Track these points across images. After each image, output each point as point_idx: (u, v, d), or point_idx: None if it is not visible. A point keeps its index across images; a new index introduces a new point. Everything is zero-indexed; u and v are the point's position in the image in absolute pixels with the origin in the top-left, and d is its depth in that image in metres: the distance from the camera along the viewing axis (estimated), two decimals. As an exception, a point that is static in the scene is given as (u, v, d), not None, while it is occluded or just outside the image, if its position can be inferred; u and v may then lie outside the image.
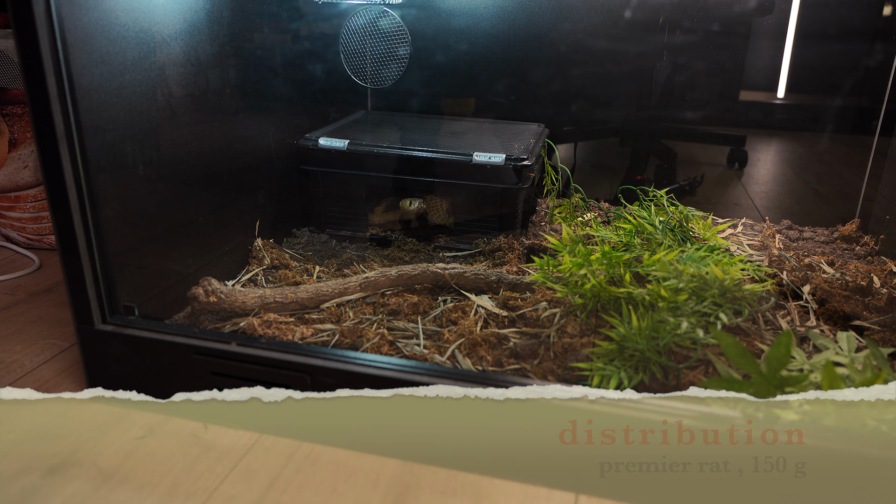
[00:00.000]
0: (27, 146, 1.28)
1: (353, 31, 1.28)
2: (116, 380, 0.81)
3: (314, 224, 1.24)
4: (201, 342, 0.76)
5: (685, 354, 0.77)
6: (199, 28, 0.91)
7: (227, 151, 1.02)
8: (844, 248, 1.21)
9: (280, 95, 1.17)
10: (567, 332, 0.83)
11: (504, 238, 1.13)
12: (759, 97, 1.41)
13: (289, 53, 1.18)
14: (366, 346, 0.84)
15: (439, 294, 0.98)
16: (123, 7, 0.77)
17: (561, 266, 0.89)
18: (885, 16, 1.27)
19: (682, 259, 0.84)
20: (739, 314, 0.82)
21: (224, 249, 1.04)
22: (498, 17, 1.38)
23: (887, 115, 1.24)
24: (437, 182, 1.14)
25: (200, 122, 0.94)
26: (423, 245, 1.17)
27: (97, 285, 0.78)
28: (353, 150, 1.16)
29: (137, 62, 0.81)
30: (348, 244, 1.20)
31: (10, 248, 1.33)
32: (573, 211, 1.20)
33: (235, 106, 1.02)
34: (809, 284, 0.98)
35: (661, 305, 0.79)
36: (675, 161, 1.49)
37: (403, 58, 1.29)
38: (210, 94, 0.95)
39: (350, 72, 1.30)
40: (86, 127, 0.73)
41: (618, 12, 1.33)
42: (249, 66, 1.04)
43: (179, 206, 0.91)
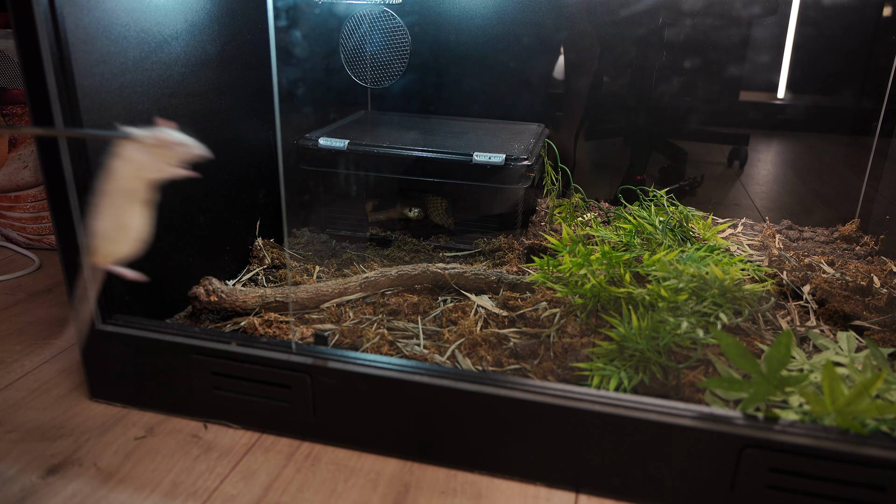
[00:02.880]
0: (27, 146, 1.28)
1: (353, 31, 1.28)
2: (116, 380, 0.81)
3: (314, 224, 1.24)
4: (201, 342, 0.76)
5: (685, 354, 0.77)
6: (200, 28, 0.91)
7: (228, 151, 1.02)
8: (844, 248, 1.21)
9: (280, 95, 1.17)
10: (567, 332, 0.83)
11: (504, 238, 1.13)
12: (759, 97, 1.42)
13: (289, 53, 1.18)
14: (366, 346, 0.84)
15: (439, 294, 0.98)
16: (125, 7, 0.77)
17: (561, 266, 0.89)
18: (885, 16, 1.27)
19: (682, 259, 0.84)
20: (739, 314, 0.82)
21: (224, 249, 1.04)
22: (498, 16, 1.38)
23: (887, 116, 1.24)
24: (437, 182, 1.14)
25: (201, 121, 0.94)
26: (423, 245, 1.17)
27: (97, 285, 0.78)
28: (353, 150, 1.17)
29: (138, 62, 0.81)
30: (348, 244, 1.20)
31: (10, 248, 1.33)
32: (573, 211, 1.20)
33: (236, 106, 1.02)
34: (809, 284, 0.98)
35: (661, 305, 0.79)
36: (686, 160, 1.49)
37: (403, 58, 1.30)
38: (210, 93, 0.95)
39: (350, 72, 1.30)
40: (87, 127, 0.73)
41: (618, 12, 1.33)
42: (250, 65, 1.04)
43: (179, 206, 0.91)
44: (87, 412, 0.81)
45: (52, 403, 0.83)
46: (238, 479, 0.70)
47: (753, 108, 1.43)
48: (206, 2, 0.92)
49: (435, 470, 0.72)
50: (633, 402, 0.65)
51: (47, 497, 0.67)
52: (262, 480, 0.70)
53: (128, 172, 0.62)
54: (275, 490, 0.69)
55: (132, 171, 0.62)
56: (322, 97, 1.32)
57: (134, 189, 0.63)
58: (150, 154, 0.62)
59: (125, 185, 0.63)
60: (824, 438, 0.61)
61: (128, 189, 0.63)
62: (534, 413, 0.67)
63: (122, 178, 0.62)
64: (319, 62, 1.28)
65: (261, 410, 0.76)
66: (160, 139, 0.62)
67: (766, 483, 0.63)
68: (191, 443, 0.76)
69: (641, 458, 0.66)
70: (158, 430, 0.78)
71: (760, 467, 0.62)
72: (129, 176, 0.62)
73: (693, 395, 0.73)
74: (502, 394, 0.68)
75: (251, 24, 1.03)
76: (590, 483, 0.69)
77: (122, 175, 0.62)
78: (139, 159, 0.62)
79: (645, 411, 0.65)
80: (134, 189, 0.63)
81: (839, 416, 0.62)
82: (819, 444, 0.60)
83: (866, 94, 1.30)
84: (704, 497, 0.65)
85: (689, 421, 0.63)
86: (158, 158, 0.63)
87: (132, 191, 0.63)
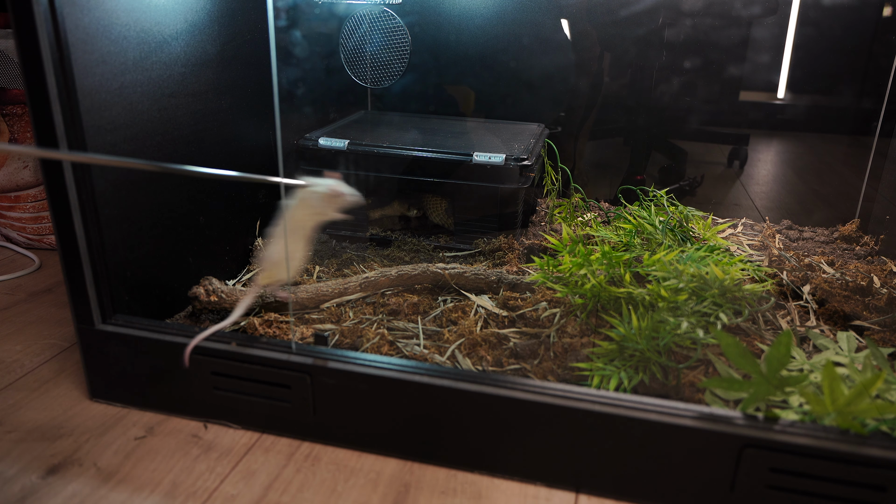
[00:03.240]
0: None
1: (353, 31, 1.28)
2: (116, 380, 0.81)
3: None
4: (201, 342, 0.76)
5: (685, 354, 0.77)
6: (200, 28, 0.91)
7: (228, 151, 1.02)
8: (844, 248, 1.21)
9: (280, 95, 1.17)
10: (567, 332, 0.83)
11: (504, 238, 1.13)
12: (759, 97, 1.42)
13: (289, 53, 1.18)
14: (366, 346, 0.84)
15: (439, 294, 0.98)
16: (125, 7, 0.77)
17: (561, 266, 0.89)
18: (885, 16, 1.27)
19: (682, 259, 0.84)
20: (739, 314, 0.82)
21: (224, 249, 1.04)
22: (498, 16, 1.38)
23: (887, 116, 1.24)
24: (437, 182, 1.14)
25: (201, 121, 0.94)
26: (423, 245, 1.17)
27: (97, 285, 0.78)
28: (353, 150, 1.17)
29: (138, 62, 0.81)
30: (348, 244, 1.20)
31: (10, 248, 1.33)
32: (573, 211, 1.20)
33: (236, 106, 1.02)
34: (809, 284, 0.98)
35: (661, 305, 0.79)
36: (686, 160, 1.49)
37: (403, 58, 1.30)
38: (210, 93, 0.95)
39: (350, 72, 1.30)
40: (86, 127, 0.73)
41: (618, 12, 1.33)
42: (250, 65, 1.04)
43: (180, 206, 0.91)
44: (87, 412, 0.81)
45: (52, 403, 0.83)
46: (238, 479, 0.70)
47: (753, 108, 1.43)
48: (206, 2, 0.92)
49: (435, 470, 0.72)
50: (633, 402, 0.65)
51: (47, 497, 0.67)
52: (262, 480, 0.70)
53: (302, 214, 0.75)
54: (275, 490, 0.69)
55: (306, 214, 0.75)
56: (322, 97, 1.32)
57: (304, 227, 0.76)
58: (322, 201, 0.75)
59: (298, 223, 0.76)
60: (824, 438, 0.61)
61: (299, 227, 0.76)
62: (534, 413, 0.67)
63: (297, 218, 0.75)
64: (319, 62, 1.28)
65: (261, 410, 0.76)
66: (333, 189, 0.75)
67: (766, 483, 0.63)
68: (191, 443, 0.76)
69: (641, 458, 0.66)
70: (158, 430, 0.78)
71: (760, 467, 0.62)
72: (302, 217, 0.75)
73: (693, 395, 0.73)
74: (502, 394, 0.68)
75: (251, 24, 1.03)
76: (590, 483, 0.69)
77: (297, 216, 0.75)
78: (313, 205, 0.75)
79: (645, 411, 0.65)
80: (304, 227, 0.76)
81: (839, 416, 0.62)
82: (819, 444, 0.60)
83: (866, 94, 1.30)
84: (704, 497, 0.65)
85: (689, 421, 0.63)
86: (328, 205, 0.75)
87: (302, 229, 0.76)
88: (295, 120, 1.22)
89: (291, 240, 0.76)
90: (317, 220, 0.77)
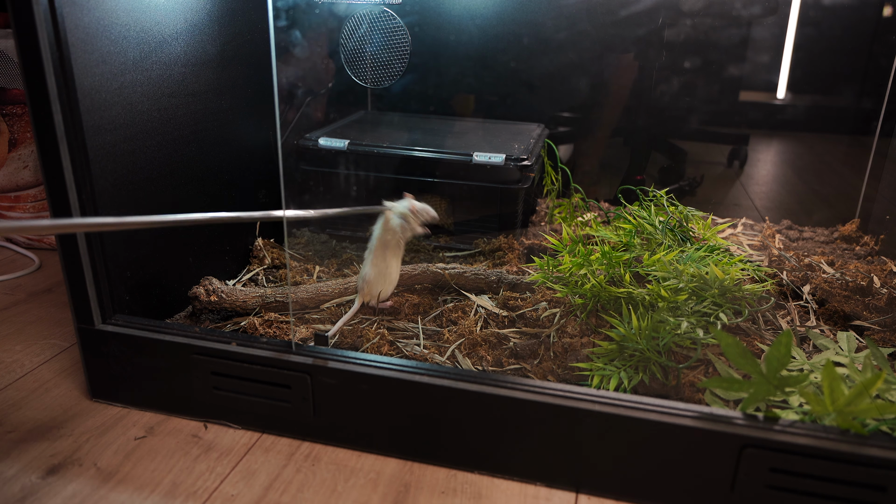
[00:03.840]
0: (27, 146, 1.28)
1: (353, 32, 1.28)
2: (116, 380, 0.81)
3: (314, 224, 1.24)
4: (201, 342, 0.76)
5: (685, 354, 0.77)
6: (200, 28, 0.91)
7: (228, 151, 1.01)
8: (844, 248, 1.21)
9: (280, 95, 1.17)
10: (567, 332, 0.83)
11: (504, 238, 1.13)
12: (759, 97, 1.42)
13: (289, 53, 1.18)
14: (366, 346, 0.84)
15: (439, 294, 0.98)
16: (125, 7, 0.77)
17: (561, 266, 0.89)
18: (885, 16, 1.27)
19: (682, 259, 0.84)
20: (739, 314, 0.82)
21: (224, 249, 1.04)
22: (498, 16, 1.38)
23: (887, 116, 1.24)
24: (437, 182, 1.14)
25: (201, 121, 0.94)
26: (423, 245, 1.17)
27: (97, 285, 0.78)
28: (354, 150, 1.16)
29: (138, 62, 0.81)
30: (348, 244, 1.20)
31: (10, 248, 1.33)
32: (573, 211, 1.20)
33: (236, 106, 1.02)
34: (809, 284, 0.98)
35: (661, 305, 0.79)
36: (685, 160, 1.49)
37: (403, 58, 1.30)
38: (210, 93, 0.95)
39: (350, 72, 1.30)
40: (86, 127, 0.73)
41: (618, 13, 1.33)
42: (250, 65, 1.04)
43: (180, 206, 0.91)
44: (87, 412, 0.81)
45: (52, 403, 0.83)
46: (238, 479, 0.70)
47: (753, 108, 1.43)
48: (206, 2, 0.92)
49: (435, 470, 0.72)
50: (633, 402, 0.65)
51: (47, 497, 0.67)
52: (262, 480, 0.70)
53: (392, 234, 0.86)
54: (275, 490, 0.69)
55: (395, 233, 0.86)
56: (322, 97, 1.32)
57: (396, 245, 0.87)
58: (407, 220, 0.85)
59: (390, 243, 0.86)
60: (824, 438, 0.61)
61: (391, 246, 0.86)
62: (534, 413, 0.67)
63: (388, 239, 0.86)
64: (319, 62, 1.27)
65: (261, 410, 0.76)
66: (415, 209, 0.86)
67: (766, 483, 0.63)
68: (191, 443, 0.76)
69: (641, 458, 0.66)
70: (158, 430, 0.78)
71: (760, 467, 0.62)
72: (393, 237, 0.86)
73: (693, 395, 0.73)
74: (502, 394, 0.68)
75: (251, 24, 1.03)
76: (590, 483, 0.69)
77: (386, 238, 0.86)
78: (400, 224, 0.85)
79: (645, 411, 0.65)
80: (396, 245, 0.87)
81: (839, 416, 0.62)
82: (819, 444, 0.60)
83: (866, 94, 1.30)
84: (704, 497, 0.65)
85: (689, 421, 0.63)
86: (412, 222, 0.86)
87: (394, 247, 0.87)
88: (295, 120, 1.22)
89: (387, 259, 0.86)
90: (405, 238, 0.87)
